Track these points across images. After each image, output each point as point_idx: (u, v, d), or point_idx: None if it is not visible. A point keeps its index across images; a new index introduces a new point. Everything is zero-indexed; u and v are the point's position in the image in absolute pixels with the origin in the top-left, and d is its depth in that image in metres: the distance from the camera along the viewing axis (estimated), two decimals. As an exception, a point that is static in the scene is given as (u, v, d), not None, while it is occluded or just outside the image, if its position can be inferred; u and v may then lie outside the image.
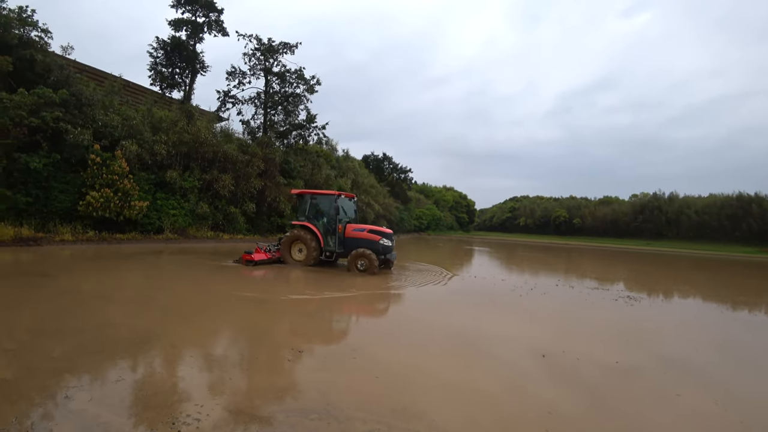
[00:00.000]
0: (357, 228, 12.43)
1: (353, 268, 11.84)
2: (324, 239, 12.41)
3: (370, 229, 12.41)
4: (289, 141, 28.86)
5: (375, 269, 11.72)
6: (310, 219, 12.64)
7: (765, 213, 58.76)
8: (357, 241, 12.19)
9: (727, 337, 7.55)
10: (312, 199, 12.88)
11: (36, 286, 7.72)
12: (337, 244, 12.35)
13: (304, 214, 12.81)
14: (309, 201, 12.85)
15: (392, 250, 12.62)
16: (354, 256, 11.85)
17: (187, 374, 4.10)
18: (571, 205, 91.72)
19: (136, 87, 24.99)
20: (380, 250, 12.04)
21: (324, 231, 12.47)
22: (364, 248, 11.85)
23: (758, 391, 4.74)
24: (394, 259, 12.75)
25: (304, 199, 12.99)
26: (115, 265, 10.82)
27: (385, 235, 12.32)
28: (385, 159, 59.07)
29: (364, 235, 12.23)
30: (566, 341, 6.18)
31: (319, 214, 12.71)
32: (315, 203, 12.82)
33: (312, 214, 12.73)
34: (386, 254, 12.23)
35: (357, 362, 4.74)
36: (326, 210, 12.65)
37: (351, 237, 12.29)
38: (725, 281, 18.43)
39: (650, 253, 44.49)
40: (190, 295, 7.98)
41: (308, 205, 12.82)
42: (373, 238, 12.14)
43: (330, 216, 12.48)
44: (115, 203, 15.72)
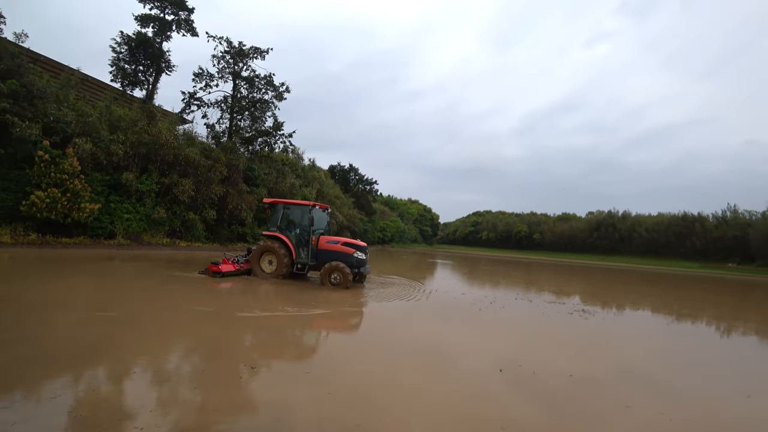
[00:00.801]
0: (330, 240, 12.13)
1: (326, 282, 11.53)
2: (296, 251, 12.02)
3: (344, 242, 12.15)
4: (255, 148, 28.27)
5: (349, 283, 11.44)
6: (282, 229, 12.23)
7: (706, 231, 63.29)
8: (330, 254, 11.87)
9: (672, 347, 8.00)
10: (285, 208, 12.50)
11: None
12: (309, 257, 11.98)
13: (276, 224, 12.38)
14: (282, 211, 12.46)
15: (366, 264, 12.37)
16: (327, 270, 11.54)
17: (134, 391, 3.84)
18: (532, 220, 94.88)
19: (96, 82, 23.81)
20: (354, 264, 11.76)
21: (296, 242, 12.09)
22: (338, 261, 11.57)
23: (701, 398, 5.02)
24: (367, 272, 12.54)
25: (277, 208, 12.59)
26: (59, 272, 10.14)
27: (360, 248, 12.07)
28: (351, 170, 59.17)
29: (338, 247, 11.93)
30: (524, 355, 6.32)
31: (292, 224, 12.34)
32: (288, 213, 12.45)
33: (284, 224, 12.34)
34: (360, 268, 11.97)
35: (311, 379, 4.62)
36: (299, 221, 12.30)
37: (324, 249, 11.96)
38: (671, 294, 19.48)
39: (604, 268, 46.56)
40: (143, 306, 7.56)
41: (281, 215, 12.43)
42: (347, 251, 11.84)
43: (303, 227, 12.15)
44: (62, 204, 14.76)
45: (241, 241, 25.62)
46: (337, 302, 9.63)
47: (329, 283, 11.51)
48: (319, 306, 8.96)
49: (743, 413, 4.71)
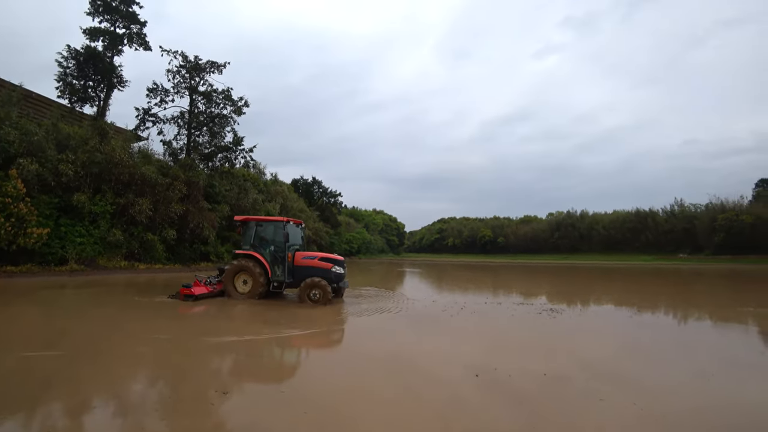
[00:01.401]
0: (307, 256, 11.86)
1: (305, 299, 11.19)
2: (272, 269, 11.64)
3: (321, 257, 11.89)
4: (215, 164, 27.52)
5: (328, 299, 11.15)
6: (255, 247, 11.83)
7: (658, 225, 67.38)
8: (307, 270, 11.56)
9: (636, 340, 8.35)
10: (257, 226, 12.10)
11: None
12: (286, 274, 11.63)
13: (249, 242, 11.93)
14: (254, 228, 12.05)
15: (344, 278, 12.15)
16: (306, 286, 11.20)
17: (96, 426, 3.60)
18: (495, 224, 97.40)
19: (41, 99, 22.49)
20: (333, 278, 11.49)
21: (271, 260, 11.71)
22: (316, 277, 11.27)
23: (667, 385, 5.24)
24: (346, 286, 12.33)
25: (249, 226, 12.17)
26: (5, 303, 9.41)
27: (337, 262, 11.82)
28: (314, 183, 58.83)
29: (315, 263, 11.65)
30: (498, 358, 6.42)
31: (265, 242, 11.98)
32: (261, 230, 12.07)
33: (257, 242, 11.96)
34: (338, 282, 11.72)
35: (286, 399, 4.50)
36: (273, 237, 11.95)
37: (301, 266, 11.64)
38: (631, 288, 20.50)
39: (567, 266, 48.34)
40: (100, 338, 7.12)
41: (253, 232, 12.02)
42: (325, 266, 11.57)
43: (278, 244, 11.79)
44: (6, 230, 13.75)
45: (204, 260, 24.75)
46: (317, 320, 9.44)
47: (308, 300, 11.19)
48: (298, 325, 8.70)
49: (705, 394, 5.03)
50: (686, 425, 4.04)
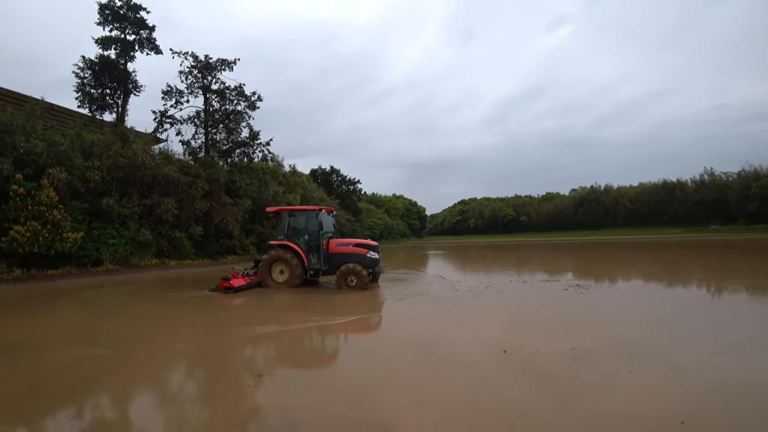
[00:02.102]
0: (341, 243, 11.95)
1: (342, 285, 11.30)
2: (307, 257, 11.78)
3: (356, 243, 11.96)
4: (233, 159, 28.00)
5: (366, 284, 11.26)
6: (289, 237, 12.00)
7: (687, 197, 64.65)
8: (343, 257, 11.65)
9: (667, 313, 8.15)
10: (290, 216, 12.27)
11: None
12: (322, 262, 11.77)
13: (283, 232, 12.12)
14: (287, 218, 12.23)
15: (379, 263, 12.18)
16: (343, 273, 11.30)
17: (142, 413, 3.85)
18: (517, 203, 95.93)
19: (63, 110, 23.27)
20: (368, 264, 11.58)
21: (306, 249, 11.86)
22: (352, 263, 11.36)
23: (698, 360, 5.14)
24: (381, 271, 12.37)
25: (282, 217, 12.34)
26: (49, 304, 9.95)
27: (372, 247, 11.89)
28: (333, 172, 58.94)
29: (349, 249, 11.73)
30: (524, 335, 6.43)
31: (298, 231, 12.13)
32: (293, 220, 12.24)
33: (291, 232, 12.12)
34: (374, 267, 11.78)
35: (319, 381, 4.68)
36: (306, 227, 12.10)
37: (336, 253, 11.75)
38: (660, 262, 19.95)
39: (592, 242, 47.37)
40: (143, 330, 7.48)
41: (286, 222, 12.19)
42: (360, 252, 11.66)
43: (311, 232, 11.93)
44: (44, 237, 14.44)
45: (231, 253, 25.39)
46: (354, 306, 9.51)
47: (346, 286, 11.30)
48: (336, 312, 8.74)
49: (737, 369, 4.86)
50: (716, 399, 3.98)
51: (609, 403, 3.91)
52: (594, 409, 3.76)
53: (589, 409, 3.77)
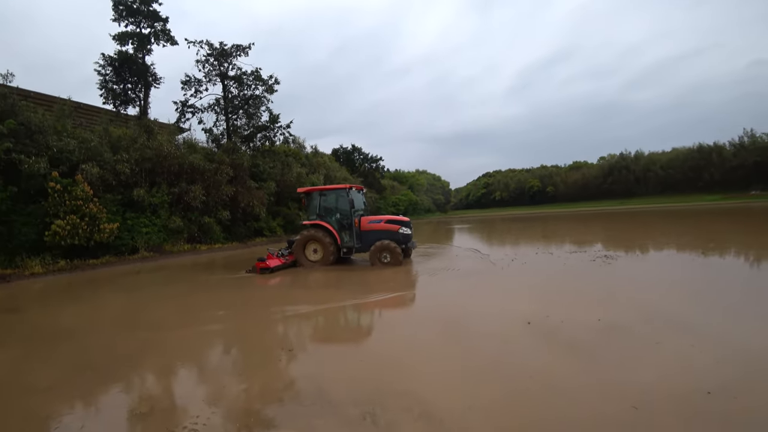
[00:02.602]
0: (373, 220, 11.96)
1: (376, 262, 11.38)
2: (340, 235, 11.88)
3: (388, 219, 11.92)
4: (255, 144, 28.38)
5: (399, 260, 11.31)
6: (321, 216, 12.12)
7: (724, 161, 61.01)
8: (375, 234, 11.69)
9: (699, 284, 7.85)
10: (321, 195, 12.36)
11: (8, 324, 7.46)
12: (355, 239, 11.85)
13: (315, 212, 12.23)
14: (318, 198, 12.35)
15: (412, 238, 12.17)
16: (377, 249, 11.37)
17: (183, 386, 4.10)
18: (543, 174, 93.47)
19: (89, 108, 24.00)
20: (401, 240, 11.59)
21: (338, 227, 11.95)
22: (385, 240, 11.41)
23: (728, 332, 4.99)
24: (414, 247, 12.35)
25: (313, 196, 12.45)
26: (93, 290, 10.54)
27: (404, 223, 11.86)
28: (354, 150, 58.82)
29: (381, 226, 11.74)
30: (549, 307, 6.36)
31: (330, 210, 12.22)
32: (324, 199, 12.33)
33: (323, 211, 12.22)
34: (406, 243, 11.79)
35: (349, 353, 4.84)
36: (337, 205, 12.17)
37: (368, 230, 11.79)
38: (694, 230, 19.24)
39: (622, 211, 46.00)
40: (175, 312, 7.87)
41: (318, 202, 12.31)
42: (392, 228, 11.67)
43: (343, 211, 12.01)
44: (83, 229, 15.21)
45: (259, 235, 26.04)
46: (388, 282, 9.56)
47: (379, 263, 11.37)
48: (371, 289, 8.63)
49: (760, 340, 4.68)
50: (745, 370, 3.86)
51: (633, 373, 3.87)
52: (617, 379, 3.75)
53: (613, 379, 3.76)
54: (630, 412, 3.16)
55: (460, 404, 3.36)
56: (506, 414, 3.23)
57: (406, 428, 3.08)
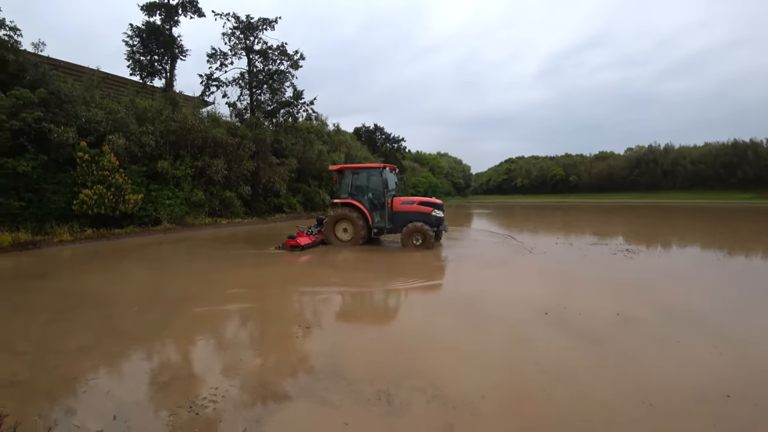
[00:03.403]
0: (405, 201, 11.83)
1: (408, 244, 11.33)
2: (371, 215, 11.78)
3: (421, 201, 11.82)
4: (278, 119, 28.39)
5: (431, 244, 11.25)
6: (353, 195, 12.02)
7: (760, 159, 58.26)
8: (407, 215, 11.58)
9: (723, 284, 7.69)
10: (354, 174, 12.22)
11: (38, 290, 7.80)
12: (386, 220, 11.75)
13: (347, 190, 12.11)
14: (351, 176, 12.21)
15: (444, 221, 12.01)
16: (409, 231, 11.30)
17: (203, 358, 4.24)
18: (567, 162, 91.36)
19: (116, 79, 24.39)
20: (434, 223, 11.49)
21: (370, 207, 11.83)
22: (418, 222, 11.33)
23: (753, 336, 4.86)
24: (446, 230, 12.23)
25: (345, 174, 12.31)
26: (119, 260, 10.90)
27: (437, 206, 11.73)
28: (377, 130, 58.33)
29: (414, 208, 11.63)
30: (567, 298, 6.33)
31: (363, 189, 12.10)
32: (357, 178, 12.20)
33: (354, 190, 12.11)
34: (438, 226, 11.67)
35: (366, 333, 4.90)
36: (369, 184, 12.04)
37: (400, 211, 11.67)
38: (721, 229, 18.61)
39: (648, 205, 44.76)
40: (198, 284, 8.08)
41: (350, 180, 12.18)
42: (425, 210, 11.56)
43: (376, 191, 11.89)
44: (109, 199, 15.63)
45: (278, 212, 26.36)
46: (418, 266, 9.46)
47: (411, 245, 11.30)
48: (399, 274, 8.37)
49: None
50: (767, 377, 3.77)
51: (650, 370, 3.82)
52: (631, 376, 3.70)
53: (626, 376, 3.71)
54: (645, 410, 3.12)
55: (473, 392, 3.39)
56: (517, 405, 3.24)
57: (419, 410, 3.14)
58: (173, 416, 3.04)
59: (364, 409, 3.16)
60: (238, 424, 2.94)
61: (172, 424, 2.93)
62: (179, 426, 2.91)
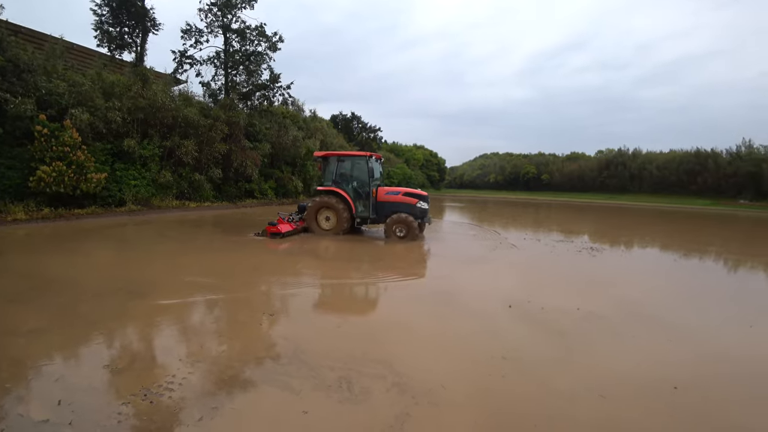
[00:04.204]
0: (390, 191, 11.74)
1: (391, 235, 11.27)
2: (355, 205, 11.62)
3: (406, 192, 11.76)
4: (253, 102, 27.65)
5: (415, 235, 11.19)
6: (337, 183, 11.78)
7: (719, 168, 61.48)
8: (392, 206, 11.50)
9: (678, 283, 8.16)
10: (339, 161, 11.95)
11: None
12: (371, 210, 11.62)
13: (331, 178, 11.83)
14: (336, 164, 11.93)
15: (428, 213, 11.95)
16: (393, 222, 11.24)
17: (163, 344, 4.12)
18: (540, 161, 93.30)
19: (82, 49, 23.04)
20: (418, 214, 11.43)
21: (354, 196, 11.66)
22: (403, 213, 11.26)
23: (703, 330, 5.20)
24: (429, 222, 12.18)
25: (330, 161, 12.01)
26: (78, 242, 10.43)
27: (422, 197, 11.68)
28: (354, 118, 57.87)
29: (399, 198, 11.55)
30: (533, 292, 6.54)
31: (347, 177, 11.88)
32: (342, 166, 11.94)
33: (339, 177, 11.86)
34: (423, 218, 11.62)
35: (332, 322, 4.88)
36: (354, 173, 11.83)
37: (384, 201, 11.57)
38: (680, 232, 19.54)
39: (614, 206, 46.40)
40: (163, 268, 7.83)
41: (335, 168, 11.90)
42: (410, 201, 11.50)
43: (361, 179, 11.71)
44: (69, 177, 14.84)
45: (250, 197, 25.84)
46: (401, 259, 9.51)
47: (395, 236, 11.23)
48: (383, 267, 8.43)
49: (743, 341, 4.88)
50: (713, 370, 4.02)
51: (605, 363, 4.00)
52: (589, 368, 3.87)
53: (584, 368, 3.88)
54: (597, 401, 3.27)
55: (433, 381, 3.46)
56: (475, 395, 3.32)
57: (378, 398, 3.18)
58: (126, 404, 2.94)
59: (323, 395, 3.19)
60: (194, 412, 2.87)
61: (124, 413, 2.84)
62: (132, 414, 2.82)
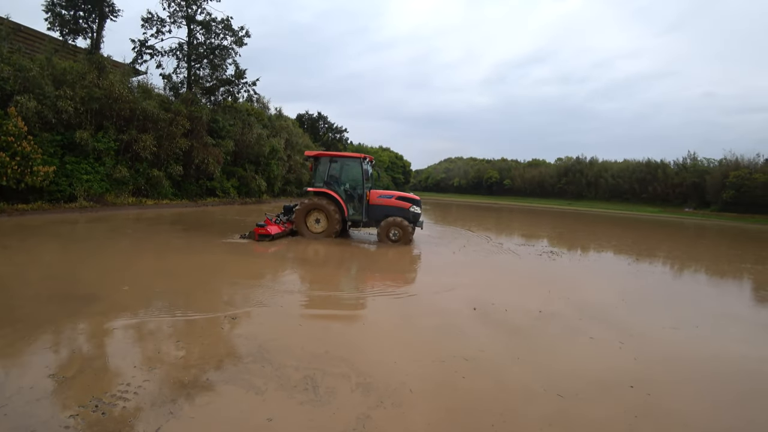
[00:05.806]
0: (383, 195, 11.59)
1: (385, 239, 11.13)
2: (346, 207, 11.33)
3: (399, 196, 11.63)
4: (217, 98, 26.77)
5: (409, 239, 11.09)
6: (329, 185, 11.46)
7: (667, 178, 65.83)
8: (385, 209, 11.35)
9: (630, 287, 8.57)
10: (331, 162, 11.68)
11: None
12: (363, 213, 11.41)
13: (323, 179, 11.51)
14: (328, 164, 11.63)
15: (420, 217, 11.84)
16: (388, 225, 11.09)
17: (117, 350, 3.89)
18: (503, 167, 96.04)
19: (31, 32, 21.49)
20: (411, 219, 11.33)
21: (346, 198, 11.39)
22: (398, 217, 11.14)
23: (653, 332, 5.48)
24: (421, 227, 12.05)
25: (322, 162, 11.68)
26: (22, 240, 9.70)
27: (415, 201, 11.56)
28: (320, 118, 57.43)
29: (392, 202, 11.42)
30: (495, 295, 6.71)
31: (339, 179, 11.64)
32: (335, 167, 11.68)
33: (330, 179, 11.56)
34: (416, 222, 11.50)
35: (297, 321, 4.79)
36: (348, 175, 11.63)
37: (377, 204, 11.40)
38: (632, 237, 20.63)
39: (572, 212, 48.49)
40: (117, 268, 7.42)
41: (327, 168, 11.60)
42: (403, 205, 11.38)
43: (354, 181, 11.51)
44: (13, 169, 13.77)
45: (211, 195, 25.02)
46: (393, 263, 9.48)
47: (388, 240, 11.09)
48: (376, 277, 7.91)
49: (689, 342, 5.22)
50: (661, 369, 4.25)
51: (564, 361, 4.20)
52: (548, 368, 4.02)
53: (543, 368, 4.03)
54: (555, 400, 3.39)
55: (397, 380, 3.49)
56: (438, 394, 3.38)
57: (342, 398, 3.17)
58: (73, 417, 2.73)
59: (287, 395, 3.14)
60: (151, 422, 2.71)
61: (72, 426, 2.64)
62: (80, 428, 2.62)
